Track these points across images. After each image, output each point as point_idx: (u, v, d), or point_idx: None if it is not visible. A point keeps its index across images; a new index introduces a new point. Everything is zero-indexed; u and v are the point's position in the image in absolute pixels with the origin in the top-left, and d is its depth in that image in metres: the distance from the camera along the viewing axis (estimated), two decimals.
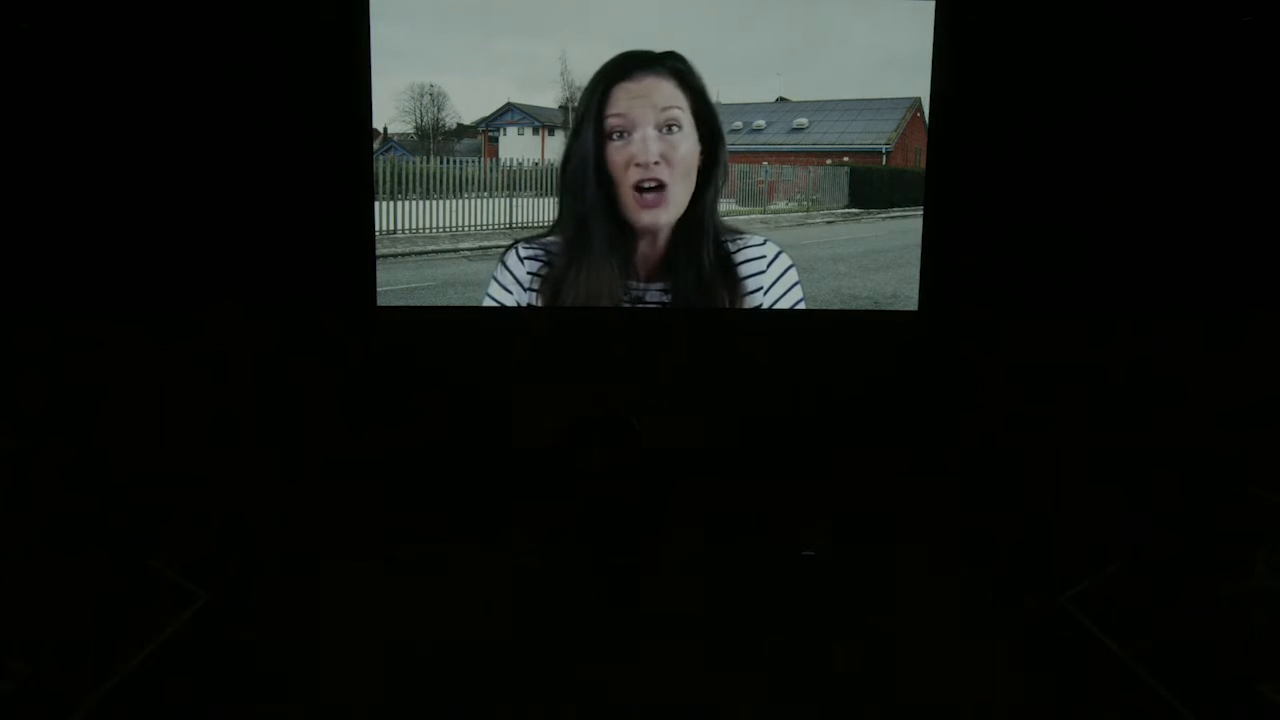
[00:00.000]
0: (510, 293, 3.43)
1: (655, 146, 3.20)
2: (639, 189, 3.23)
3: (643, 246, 3.37)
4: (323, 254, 3.56)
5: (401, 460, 3.64)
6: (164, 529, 3.27)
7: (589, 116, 3.25)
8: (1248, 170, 3.62)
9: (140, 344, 3.49)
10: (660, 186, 3.21)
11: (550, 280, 3.41)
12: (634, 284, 3.43)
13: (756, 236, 3.50)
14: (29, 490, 3.16)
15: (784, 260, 3.44)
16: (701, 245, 3.36)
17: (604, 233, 3.31)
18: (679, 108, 3.22)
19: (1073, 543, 3.34)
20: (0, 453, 3.19)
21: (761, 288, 3.44)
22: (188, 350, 3.54)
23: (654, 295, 3.44)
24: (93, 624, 2.79)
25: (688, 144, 3.25)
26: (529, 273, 3.46)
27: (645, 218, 3.25)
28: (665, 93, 3.23)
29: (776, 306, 3.47)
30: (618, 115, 3.22)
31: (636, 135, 3.21)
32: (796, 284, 3.47)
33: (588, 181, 3.26)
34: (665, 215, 3.28)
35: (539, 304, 3.41)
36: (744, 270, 3.45)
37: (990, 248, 3.68)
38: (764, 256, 3.43)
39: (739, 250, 3.44)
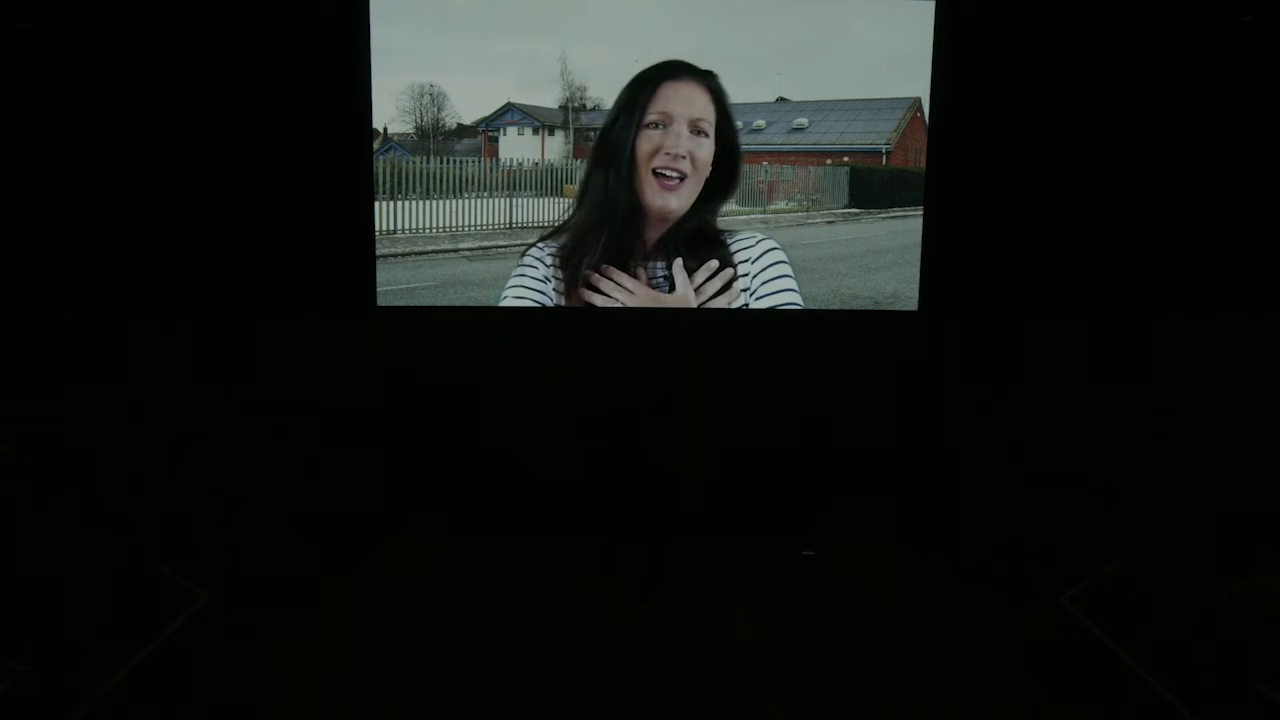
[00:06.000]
0: (537, 268, 3.57)
1: (686, 143, 3.45)
2: (660, 174, 3.45)
3: (649, 230, 3.53)
4: (323, 254, 3.56)
5: (403, 459, 3.64)
6: (165, 529, 3.27)
7: (634, 107, 3.47)
8: (1248, 169, 3.61)
9: (140, 343, 3.48)
10: (681, 178, 3.47)
11: (569, 250, 3.57)
12: (632, 263, 3.56)
13: (752, 233, 3.64)
14: (29, 491, 3.16)
15: (768, 243, 3.60)
16: (701, 240, 3.57)
17: (624, 208, 3.51)
18: (710, 119, 3.47)
19: (1073, 542, 3.35)
20: (0, 454, 3.19)
21: (749, 275, 3.60)
22: (187, 350, 3.54)
23: (659, 272, 3.57)
24: (93, 624, 2.79)
25: (707, 151, 3.47)
26: (540, 259, 3.57)
27: (659, 200, 3.48)
28: (702, 101, 3.47)
29: (764, 285, 3.61)
30: (660, 110, 3.45)
31: (672, 129, 3.45)
32: (781, 261, 3.59)
33: (621, 162, 3.47)
34: (676, 201, 3.49)
35: (560, 279, 3.58)
36: (736, 258, 3.60)
37: (990, 248, 3.68)
38: (753, 243, 3.61)
39: (732, 242, 3.61)
